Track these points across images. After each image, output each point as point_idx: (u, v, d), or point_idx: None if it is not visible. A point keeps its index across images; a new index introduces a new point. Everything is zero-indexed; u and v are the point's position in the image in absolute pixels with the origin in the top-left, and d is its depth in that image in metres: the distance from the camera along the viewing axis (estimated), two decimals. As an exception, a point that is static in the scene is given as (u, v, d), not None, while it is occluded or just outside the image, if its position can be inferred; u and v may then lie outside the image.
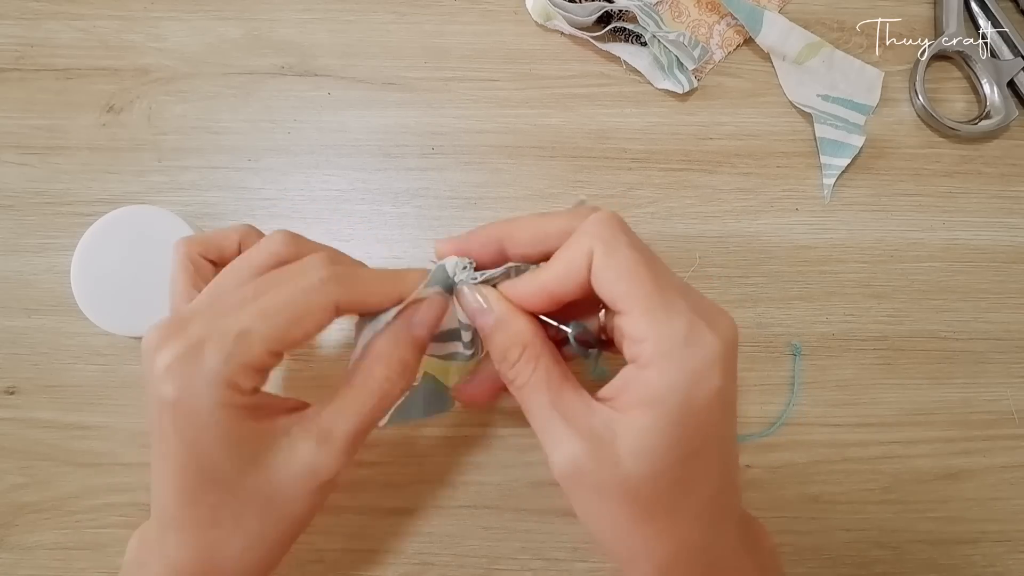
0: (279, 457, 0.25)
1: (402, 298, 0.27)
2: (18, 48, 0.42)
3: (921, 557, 0.37)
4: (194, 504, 0.25)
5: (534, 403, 0.25)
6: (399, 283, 0.27)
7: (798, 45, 0.41)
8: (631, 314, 0.23)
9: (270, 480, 0.25)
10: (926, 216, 0.41)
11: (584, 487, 0.24)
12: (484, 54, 0.42)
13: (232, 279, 0.27)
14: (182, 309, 0.27)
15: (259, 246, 0.28)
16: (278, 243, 0.27)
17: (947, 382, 0.39)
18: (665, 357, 0.23)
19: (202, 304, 0.26)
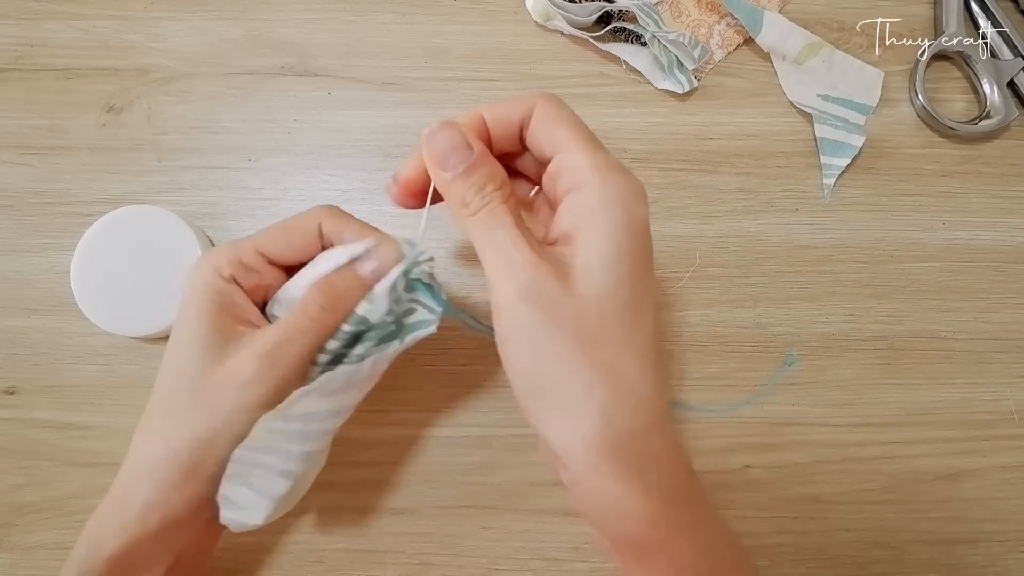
0: (224, 352, 0.27)
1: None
2: (18, 48, 0.42)
3: (921, 557, 0.37)
4: (169, 387, 0.28)
5: (499, 227, 0.25)
6: (377, 231, 0.30)
7: (798, 45, 0.41)
8: (568, 150, 0.26)
9: (214, 370, 0.27)
10: (926, 216, 0.41)
11: (533, 304, 0.23)
12: (484, 54, 0.42)
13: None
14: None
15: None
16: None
17: (947, 382, 0.39)
18: (602, 176, 0.25)
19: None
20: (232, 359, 0.27)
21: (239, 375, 0.27)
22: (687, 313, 0.39)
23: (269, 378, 0.27)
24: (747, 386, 0.38)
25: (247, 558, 0.36)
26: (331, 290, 0.28)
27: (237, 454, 0.27)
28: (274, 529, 0.37)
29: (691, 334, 0.39)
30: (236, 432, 0.27)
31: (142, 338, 0.38)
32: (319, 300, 0.28)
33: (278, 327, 0.28)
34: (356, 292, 0.28)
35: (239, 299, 0.29)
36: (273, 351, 0.27)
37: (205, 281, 0.28)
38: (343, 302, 0.28)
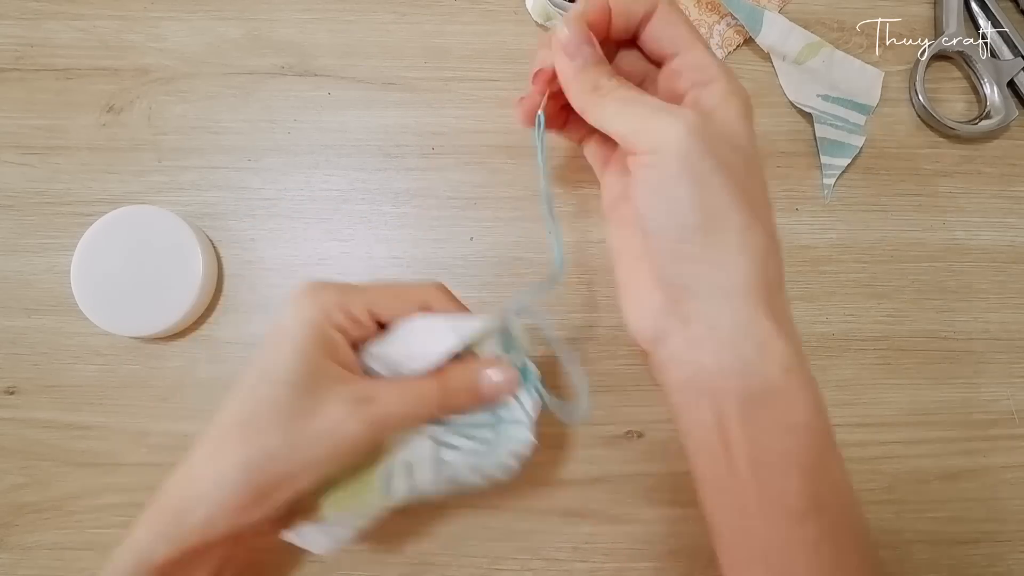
0: (325, 395, 0.27)
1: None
2: (18, 48, 0.42)
3: (921, 557, 0.37)
4: (253, 412, 0.27)
5: (629, 98, 0.26)
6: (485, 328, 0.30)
7: (798, 45, 0.41)
8: (695, 50, 0.28)
9: (312, 410, 0.27)
10: (926, 216, 0.41)
11: (708, 147, 0.24)
12: (484, 54, 0.42)
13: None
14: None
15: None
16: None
17: (947, 382, 0.39)
18: (728, 74, 0.27)
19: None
20: (335, 408, 0.27)
21: (344, 430, 0.27)
22: (687, 313, 0.39)
23: (366, 441, 0.27)
24: (747, 386, 0.38)
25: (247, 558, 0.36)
26: (450, 395, 0.29)
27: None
28: (274, 529, 0.37)
29: (691, 334, 0.39)
30: (317, 475, 0.27)
31: (142, 338, 0.38)
32: (437, 399, 0.28)
33: (396, 400, 0.28)
34: (471, 397, 0.29)
35: (344, 350, 0.29)
36: (382, 421, 0.27)
37: (313, 322, 0.28)
38: (456, 403, 0.29)
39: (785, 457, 0.25)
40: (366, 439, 0.27)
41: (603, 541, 0.37)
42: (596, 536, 0.37)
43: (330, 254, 0.40)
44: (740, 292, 0.25)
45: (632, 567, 0.36)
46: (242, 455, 0.27)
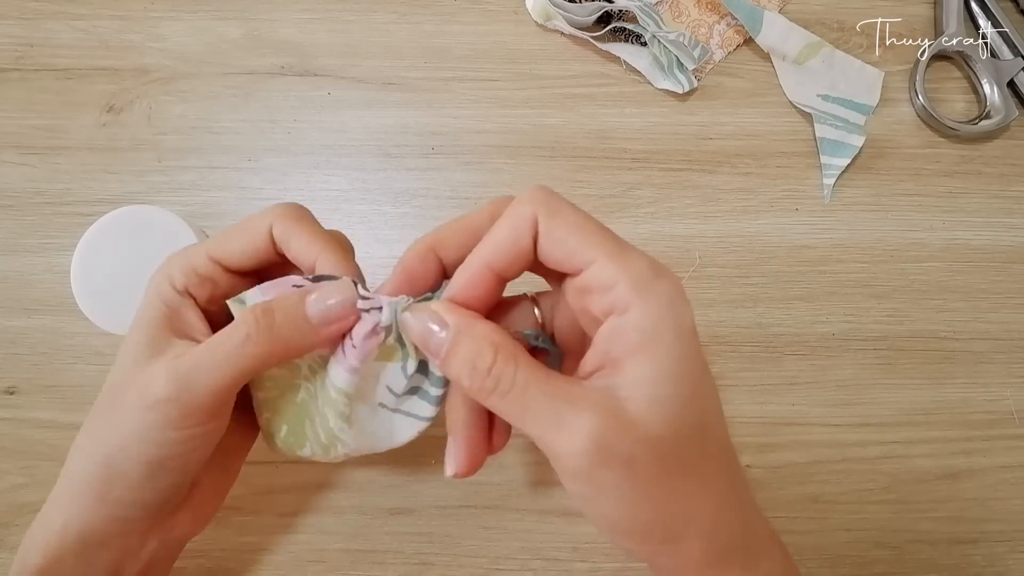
0: (146, 366, 0.25)
1: (313, 269, 0.27)
2: (18, 48, 0.41)
3: (921, 557, 0.37)
4: (99, 397, 0.26)
5: (529, 399, 0.22)
6: (328, 248, 0.27)
7: (798, 45, 0.41)
8: (596, 263, 0.22)
9: (131, 384, 0.25)
10: (926, 216, 0.41)
11: (608, 467, 0.21)
12: (484, 54, 0.42)
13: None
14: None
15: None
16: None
17: (947, 382, 0.39)
18: (642, 292, 0.22)
19: None
20: (147, 372, 0.25)
21: (148, 392, 0.24)
22: (687, 313, 0.39)
23: (180, 402, 0.24)
24: (747, 386, 0.38)
25: (247, 558, 0.36)
26: (265, 317, 0.24)
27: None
28: (274, 529, 0.37)
29: (691, 334, 0.39)
30: (147, 451, 0.25)
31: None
32: (247, 327, 0.24)
33: (200, 349, 0.25)
34: (300, 328, 0.25)
35: (187, 313, 0.26)
36: (188, 373, 0.24)
37: (157, 291, 0.26)
38: (280, 335, 0.25)
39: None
40: (175, 397, 0.24)
41: (603, 541, 0.37)
42: (596, 536, 0.37)
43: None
44: (684, 570, 0.23)
45: (632, 567, 0.36)
46: (82, 445, 0.26)
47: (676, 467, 0.22)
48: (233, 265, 0.27)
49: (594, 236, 0.23)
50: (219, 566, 0.36)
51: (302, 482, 0.37)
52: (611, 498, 0.22)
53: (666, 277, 0.22)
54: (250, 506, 0.37)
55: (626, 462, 0.21)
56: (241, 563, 0.36)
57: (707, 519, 0.23)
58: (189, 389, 0.24)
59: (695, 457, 0.22)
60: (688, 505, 0.22)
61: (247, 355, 0.24)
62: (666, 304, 0.22)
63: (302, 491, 0.37)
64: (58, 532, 0.26)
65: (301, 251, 0.27)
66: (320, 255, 0.27)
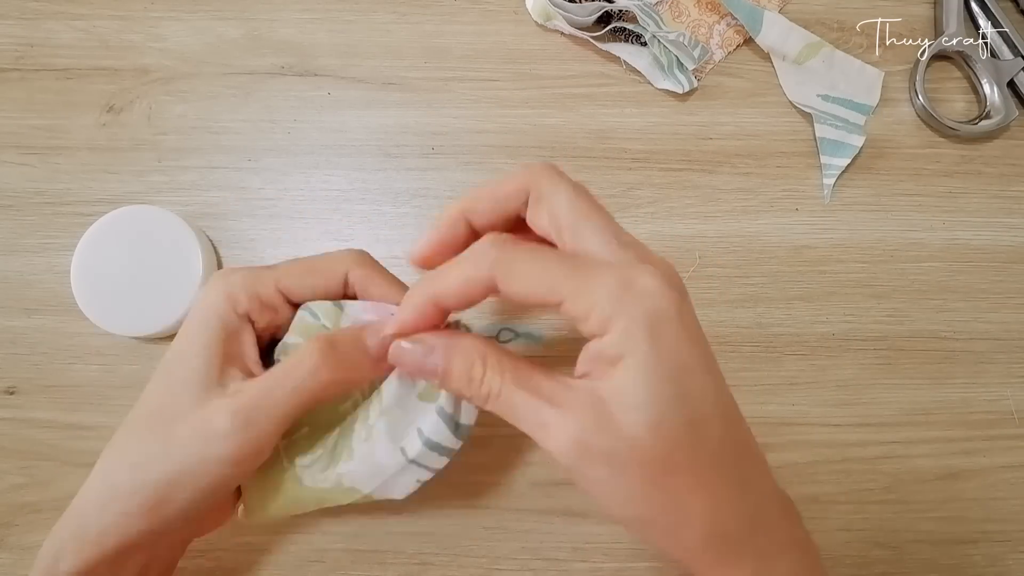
0: (204, 395, 0.26)
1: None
2: (18, 48, 0.42)
3: (921, 557, 0.37)
4: (147, 413, 0.27)
5: (516, 402, 0.24)
6: (402, 293, 0.28)
7: (798, 45, 0.41)
8: (565, 301, 0.23)
9: (187, 412, 0.25)
10: (926, 216, 0.41)
11: (593, 465, 0.22)
12: (484, 54, 0.42)
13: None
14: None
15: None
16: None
17: (947, 382, 0.39)
18: (609, 315, 0.22)
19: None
20: (208, 407, 0.25)
21: (210, 427, 0.25)
22: (687, 313, 0.39)
23: (242, 436, 0.25)
24: (747, 386, 0.38)
25: (247, 558, 0.36)
26: (330, 351, 0.26)
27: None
28: (274, 529, 0.37)
29: (691, 334, 0.39)
30: (203, 482, 0.26)
31: (142, 338, 0.38)
32: (313, 361, 0.25)
33: (261, 383, 0.26)
34: (360, 361, 0.26)
35: (245, 340, 0.27)
36: (249, 409, 0.25)
37: (218, 311, 0.27)
38: (344, 367, 0.26)
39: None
40: (238, 434, 0.25)
41: (603, 541, 0.37)
42: (596, 536, 0.37)
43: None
44: (696, 564, 0.24)
45: (632, 567, 0.36)
46: (132, 460, 0.26)
47: (661, 466, 0.22)
48: (300, 300, 0.28)
49: (555, 276, 0.23)
50: (219, 566, 0.36)
51: (302, 482, 0.37)
52: (601, 492, 0.23)
53: (635, 288, 0.23)
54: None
55: (608, 461, 0.22)
56: (241, 563, 0.36)
57: (703, 515, 0.23)
58: (250, 427, 0.25)
59: (684, 456, 0.23)
60: (679, 502, 0.23)
61: (310, 389, 0.26)
62: (638, 315, 0.22)
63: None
64: (94, 541, 0.26)
65: (383, 296, 0.29)
66: (400, 299, 0.28)
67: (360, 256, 0.29)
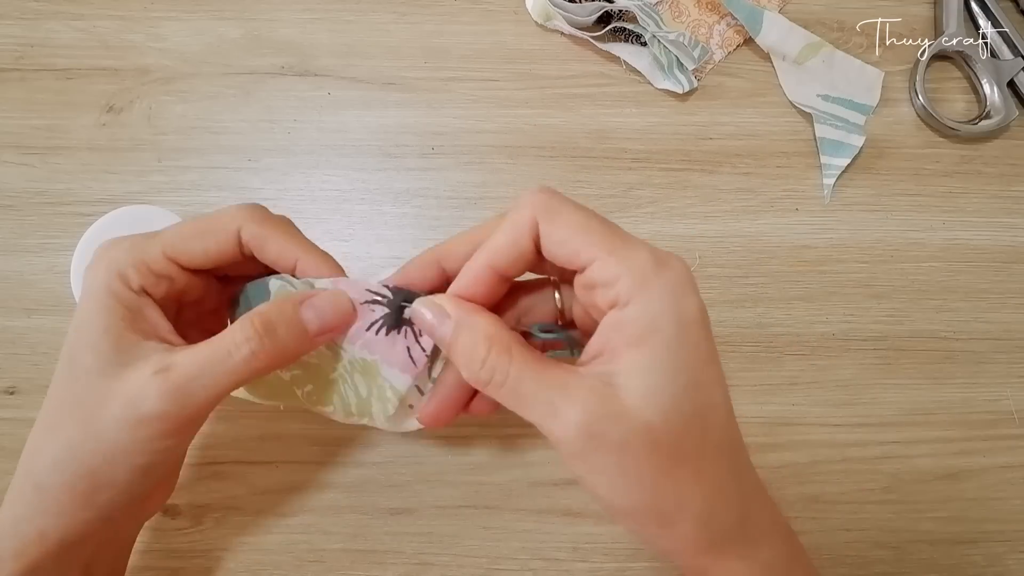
0: (123, 373, 0.24)
1: (295, 271, 0.27)
2: (18, 48, 0.42)
3: (921, 557, 0.37)
4: (59, 402, 0.25)
5: (522, 390, 0.23)
6: (308, 250, 0.27)
7: (798, 45, 0.41)
8: (597, 260, 0.23)
9: (107, 393, 0.24)
10: (926, 216, 0.41)
11: (600, 452, 0.22)
12: (484, 54, 0.42)
13: None
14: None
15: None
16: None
17: (947, 382, 0.39)
18: (643, 286, 0.22)
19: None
20: (131, 384, 0.24)
21: (139, 407, 0.24)
22: (687, 313, 0.39)
23: (175, 416, 0.24)
24: (747, 386, 0.38)
25: (247, 558, 0.36)
26: (267, 337, 0.25)
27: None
28: (274, 529, 0.37)
29: (691, 334, 0.39)
30: (138, 460, 0.25)
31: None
32: (251, 343, 0.24)
33: (193, 359, 0.24)
34: (298, 338, 0.25)
35: (150, 312, 0.26)
36: (184, 388, 0.24)
37: (111, 289, 0.25)
38: (280, 351, 0.25)
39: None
40: (171, 413, 0.24)
41: (603, 541, 0.37)
42: (596, 536, 0.37)
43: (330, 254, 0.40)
44: (687, 557, 0.24)
45: (632, 567, 0.36)
46: (53, 453, 0.25)
47: (669, 455, 0.22)
48: (192, 265, 0.27)
49: (594, 234, 0.23)
50: (219, 566, 0.36)
51: (302, 482, 0.37)
52: (605, 481, 0.23)
53: (670, 268, 0.23)
54: (250, 506, 0.37)
55: (617, 447, 0.22)
56: (241, 563, 0.36)
57: (701, 505, 0.23)
58: (186, 404, 0.24)
59: (691, 446, 0.23)
60: (681, 491, 0.23)
61: (245, 372, 0.25)
62: (667, 295, 0.22)
63: (302, 491, 0.37)
64: (35, 541, 0.25)
65: (280, 254, 0.27)
66: (301, 257, 0.27)
67: (253, 211, 0.27)
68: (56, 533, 0.25)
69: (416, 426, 0.30)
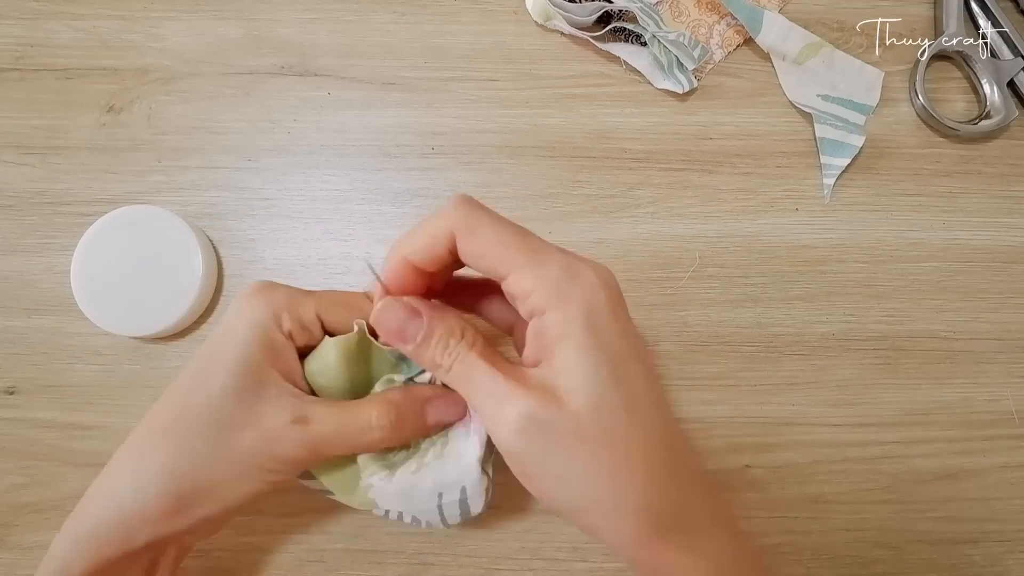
0: (258, 406, 0.26)
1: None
2: (18, 48, 0.42)
3: (921, 557, 0.37)
4: (184, 415, 0.26)
5: (475, 373, 0.25)
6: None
7: (798, 45, 0.41)
8: (513, 274, 0.25)
9: (241, 420, 0.26)
10: (926, 216, 0.41)
11: (540, 442, 0.24)
12: (484, 54, 0.42)
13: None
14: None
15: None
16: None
17: (947, 382, 0.39)
18: (554, 295, 0.24)
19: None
20: (269, 422, 0.26)
21: (274, 447, 0.26)
22: (687, 313, 0.39)
23: (303, 463, 0.27)
24: (747, 386, 0.38)
25: (247, 558, 0.36)
26: (399, 423, 0.27)
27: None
28: (274, 529, 0.37)
29: (691, 334, 0.39)
30: (245, 488, 0.27)
31: (142, 338, 0.38)
32: (383, 431, 0.27)
33: (334, 421, 0.27)
34: (419, 429, 0.28)
35: (290, 357, 0.28)
36: (318, 443, 0.27)
37: (263, 324, 0.27)
38: (402, 435, 0.28)
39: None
40: (299, 460, 0.27)
41: (603, 541, 0.37)
42: (596, 536, 0.37)
43: (330, 254, 0.40)
44: (629, 547, 0.25)
45: (632, 567, 0.36)
46: (164, 462, 0.26)
47: (600, 443, 0.24)
48: (334, 329, 0.29)
49: (509, 249, 0.25)
50: (219, 566, 0.36)
51: (302, 482, 0.37)
52: (545, 478, 0.24)
53: (580, 277, 0.24)
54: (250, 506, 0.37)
55: (548, 435, 0.23)
56: (241, 563, 0.36)
57: (637, 495, 0.24)
58: (315, 456, 0.27)
59: (620, 434, 0.24)
60: (616, 482, 0.24)
61: (370, 445, 0.27)
62: (578, 303, 0.24)
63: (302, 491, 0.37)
64: (115, 542, 0.26)
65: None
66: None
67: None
68: (143, 537, 0.26)
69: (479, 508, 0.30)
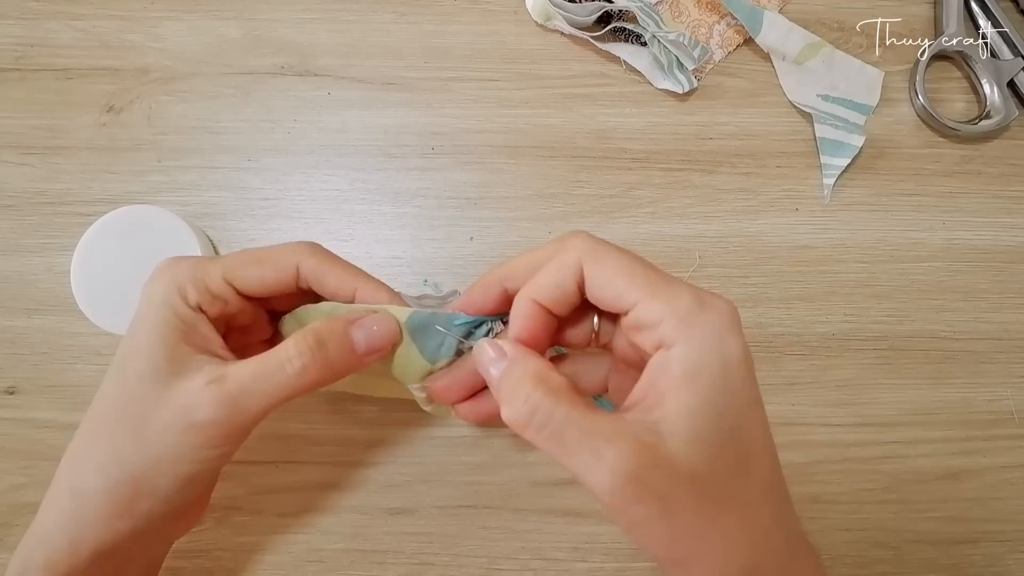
0: (175, 383, 0.25)
1: (355, 299, 0.28)
2: (18, 48, 0.42)
3: (921, 557, 0.37)
4: (107, 411, 0.26)
5: (566, 436, 0.22)
6: (365, 280, 0.29)
7: (798, 45, 0.41)
8: (641, 302, 0.23)
9: (158, 401, 0.25)
10: (926, 216, 0.41)
11: (644, 503, 0.21)
12: (484, 54, 0.42)
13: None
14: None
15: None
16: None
17: (947, 382, 0.39)
18: (687, 326, 0.22)
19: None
20: (184, 393, 0.25)
21: (192, 415, 0.25)
22: (687, 313, 0.39)
23: (227, 424, 0.25)
24: (747, 386, 0.38)
25: (247, 558, 0.36)
26: (319, 352, 0.26)
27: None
28: (274, 529, 0.37)
29: (691, 334, 0.39)
30: (183, 469, 0.25)
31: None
32: (304, 358, 0.26)
33: (246, 372, 0.25)
34: (347, 357, 0.27)
35: (203, 328, 0.27)
36: (238, 399, 0.25)
37: (168, 303, 0.26)
38: (330, 368, 0.26)
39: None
40: (223, 421, 0.25)
41: (603, 541, 0.37)
42: (596, 536, 0.37)
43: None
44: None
45: (632, 567, 0.36)
46: (98, 461, 0.25)
47: (714, 503, 0.22)
48: (248, 291, 0.28)
49: (637, 277, 0.24)
50: (219, 566, 0.36)
51: (302, 482, 0.37)
52: (650, 532, 0.22)
53: (713, 309, 0.23)
54: (250, 506, 0.37)
55: (661, 498, 0.21)
56: (241, 563, 0.36)
57: (746, 554, 0.22)
58: (238, 412, 0.25)
59: (735, 493, 0.22)
60: (727, 541, 0.22)
61: (296, 387, 0.26)
62: (711, 337, 0.22)
63: (302, 491, 0.37)
64: (66, 550, 0.25)
65: (340, 284, 0.28)
66: (360, 287, 0.29)
67: (311, 247, 0.29)
68: (89, 543, 0.25)
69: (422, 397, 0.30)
